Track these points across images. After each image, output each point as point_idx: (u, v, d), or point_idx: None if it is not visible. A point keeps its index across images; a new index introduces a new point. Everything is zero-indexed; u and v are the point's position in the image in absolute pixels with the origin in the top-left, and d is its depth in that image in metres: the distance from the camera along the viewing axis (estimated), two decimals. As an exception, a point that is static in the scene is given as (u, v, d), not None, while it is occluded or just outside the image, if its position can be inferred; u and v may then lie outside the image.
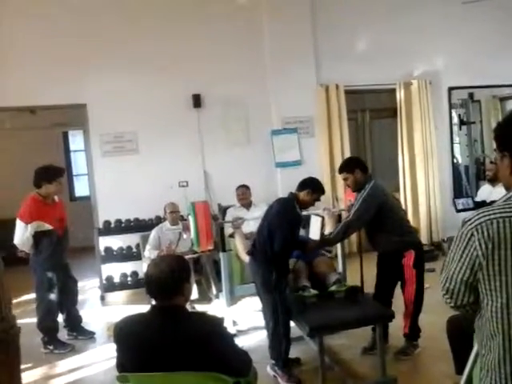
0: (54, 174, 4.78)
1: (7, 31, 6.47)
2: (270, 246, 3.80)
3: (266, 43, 7.23)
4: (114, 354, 2.33)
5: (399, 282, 4.15)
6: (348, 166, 4.20)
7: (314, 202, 4.03)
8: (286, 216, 3.85)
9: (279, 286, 3.81)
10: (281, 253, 3.78)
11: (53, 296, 4.78)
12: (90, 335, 5.11)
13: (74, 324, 5.13)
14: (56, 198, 4.93)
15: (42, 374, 4.34)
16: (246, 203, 6.42)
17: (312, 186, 3.97)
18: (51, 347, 4.80)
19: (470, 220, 1.73)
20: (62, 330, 5.03)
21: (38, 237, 4.68)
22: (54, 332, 4.85)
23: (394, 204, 4.17)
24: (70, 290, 5.02)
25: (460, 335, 2.95)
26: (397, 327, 4.14)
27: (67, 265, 5.06)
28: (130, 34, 6.71)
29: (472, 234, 1.70)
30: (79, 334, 5.10)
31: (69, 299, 5.03)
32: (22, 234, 4.65)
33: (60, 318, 4.99)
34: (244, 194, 6.44)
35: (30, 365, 4.46)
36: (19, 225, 4.68)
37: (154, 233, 5.94)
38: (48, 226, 4.70)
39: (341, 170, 4.24)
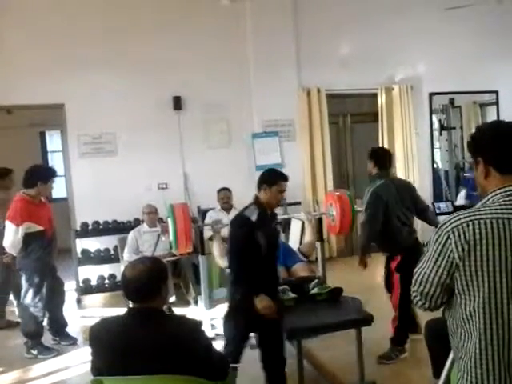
0: (51, 173, 4.65)
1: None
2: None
3: (248, 46, 7.22)
4: (90, 357, 2.28)
5: (387, 287, 4.25)
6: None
7: (281, 196, 3.37)
8: (236, 234, 3.32)
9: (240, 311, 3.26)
10: (241, 272, 3.24)
11: (39, 300, 4.60)
12: (72, 341, 4.92)
13: (58, 328, 4.95)
14: (42, 198, 4.74)
15: (14, 379, 4.23)
16: (227, 206, 6.36)
17: (265, 181, 3.30)
18: (35, 352, 4.63)
19: (445, 223, 1.72)
20: (47, 333, 4.88)
21: (27, 238, 4.51)
22: (37, 337, 4.67)
23: (393, 208, 4.13)
24: (55, 292, 4.84)
25: (437, 339, 2.94)
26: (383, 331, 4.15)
27: (54, 267, 4.90)
28: (110, 35, 6.64)
29: (448, 237, 1.70)
30: (62, 339, 4.93)
31: (53, 302, 4.84)
32: (14, 237, 4.47)
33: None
34: (227, 198, 6.39)
35: (1, 369, 4.37)
36: (10, 227, 4.47)
37: (131, 235, 5.86)
38: (39, 227, 4.55)
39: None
